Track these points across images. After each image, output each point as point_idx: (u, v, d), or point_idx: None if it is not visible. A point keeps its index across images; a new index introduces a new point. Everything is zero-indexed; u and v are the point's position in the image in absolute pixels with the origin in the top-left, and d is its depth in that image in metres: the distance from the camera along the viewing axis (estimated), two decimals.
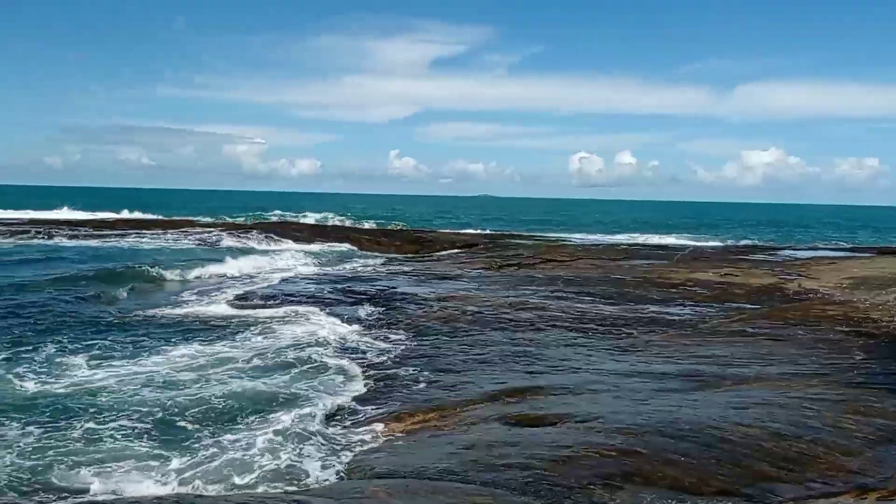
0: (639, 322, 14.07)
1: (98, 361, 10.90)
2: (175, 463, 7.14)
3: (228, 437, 7.86)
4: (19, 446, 7.48)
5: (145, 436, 7.85)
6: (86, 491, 6.51)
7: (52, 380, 9.90)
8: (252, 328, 13.38)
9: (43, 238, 33.01)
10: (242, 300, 16.49)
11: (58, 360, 10.88)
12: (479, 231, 45.75)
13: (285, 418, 8.33)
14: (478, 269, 23.05)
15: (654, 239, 41.48)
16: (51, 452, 7.33)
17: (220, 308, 15.56)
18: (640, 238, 41.44)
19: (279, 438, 7.70)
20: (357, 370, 10.64)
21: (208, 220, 44.79)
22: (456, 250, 31.65)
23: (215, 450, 7.50)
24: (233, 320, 14.16)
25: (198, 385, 9.72)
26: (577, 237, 41.59)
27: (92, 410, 8.58)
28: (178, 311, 15.34)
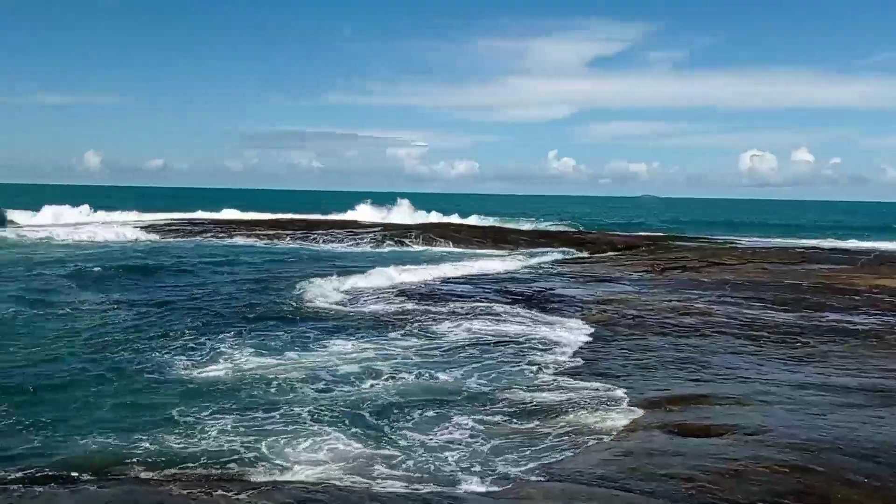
0: (816, 331, 13.16)
1: (269, 354, 11.50)
2: (357, 454, 7.32)
3: (406, 433, 8.02)
4: (216, 430, 7.94)
5: (327, 425, 8.10)
6: (279, 476, 6.74)
7: (229, 369, 10.56)
8: (413, 325, 13.70)
9: (223, 237, 35.51)
10: (402, 298, 16.94)
11: (232, 351, 11.57)
12: (640, 232, 44.53)
13: (455, 416, 8.50)
14: (639, 271, 22.44)
15: (835, 242, 38.63)
16: (247, 436, 7.75)
17: (379, 306, 16.06)
18: (819, 242, 38.70)
19: (446, 437, 7.85)
20: (532, 367, 10.72)
21: (371, 220, 46.42)
22: (616, 252, 30.99)
23: (394, 443, 7.70)
24: (393, 317, 14.57)
25: (369, 379, 10.04)
26: (747, 239, 39.47)
27: (269, 399, 9.05)
28: (340, 307, 15.97)
